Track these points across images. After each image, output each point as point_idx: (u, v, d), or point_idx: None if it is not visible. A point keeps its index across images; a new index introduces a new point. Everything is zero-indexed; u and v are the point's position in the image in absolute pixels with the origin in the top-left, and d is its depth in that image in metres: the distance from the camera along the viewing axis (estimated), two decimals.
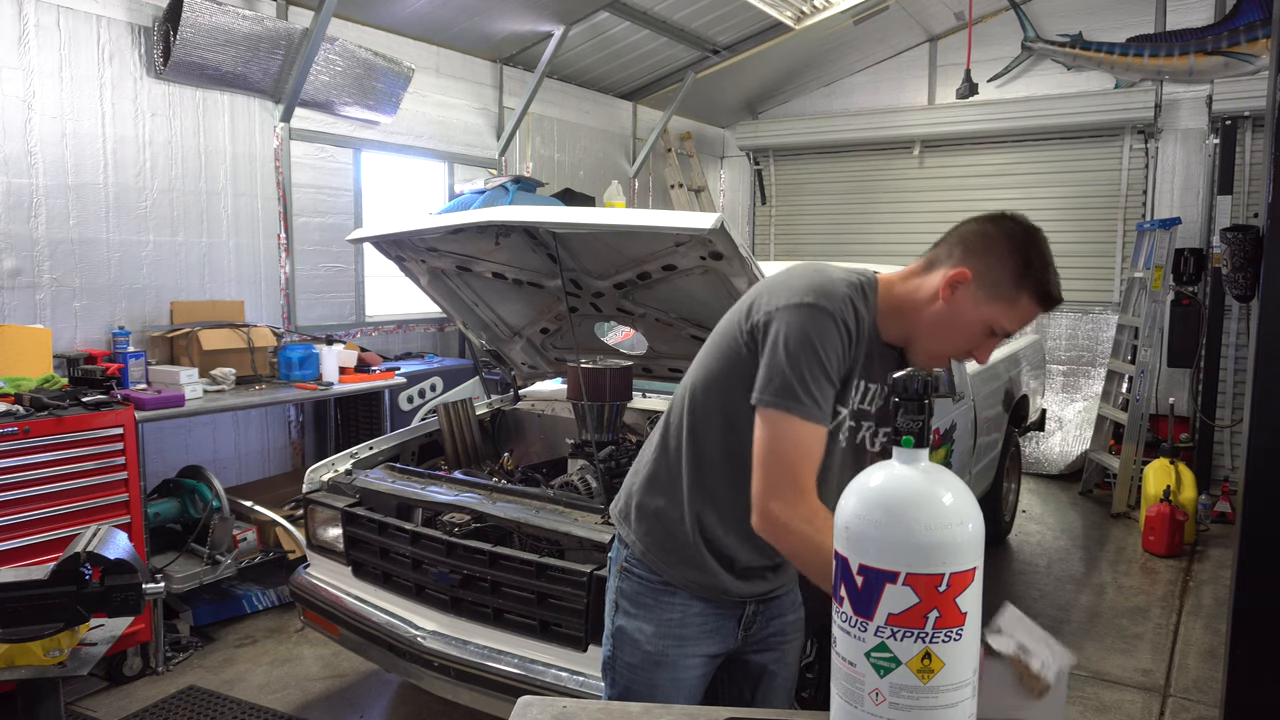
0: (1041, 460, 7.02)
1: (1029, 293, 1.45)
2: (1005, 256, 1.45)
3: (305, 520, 3.25)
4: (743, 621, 1.71)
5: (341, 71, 4.79)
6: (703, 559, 1.62)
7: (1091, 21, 6.82)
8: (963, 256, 1.47)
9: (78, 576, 1.59)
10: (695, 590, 1.65)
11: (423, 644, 2.69)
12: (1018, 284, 1.44)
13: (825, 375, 1.42)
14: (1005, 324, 1.46)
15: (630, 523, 1.69)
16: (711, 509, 1.61)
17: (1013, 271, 1.44)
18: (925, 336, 1.52)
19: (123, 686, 3.52)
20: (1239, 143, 6.24)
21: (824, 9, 6.37)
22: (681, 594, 1.65)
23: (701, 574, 1.64)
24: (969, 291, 1.45)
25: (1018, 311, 1.46)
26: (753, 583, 1.69)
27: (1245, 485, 2.05)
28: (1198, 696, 3.55)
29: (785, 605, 1.78)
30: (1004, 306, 1.45)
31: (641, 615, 1.66)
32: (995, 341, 1.51)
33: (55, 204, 3.88)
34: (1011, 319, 1.47)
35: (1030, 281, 1.44)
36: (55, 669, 1.61)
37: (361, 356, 4.68)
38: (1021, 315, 1.47)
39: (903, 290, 1.54)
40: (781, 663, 1.78)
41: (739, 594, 1.68)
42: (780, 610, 1.77)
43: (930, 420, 1.05)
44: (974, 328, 1.48)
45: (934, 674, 0.98)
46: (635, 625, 1.66)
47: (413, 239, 3.22)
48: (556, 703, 1.33)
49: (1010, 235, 1.46)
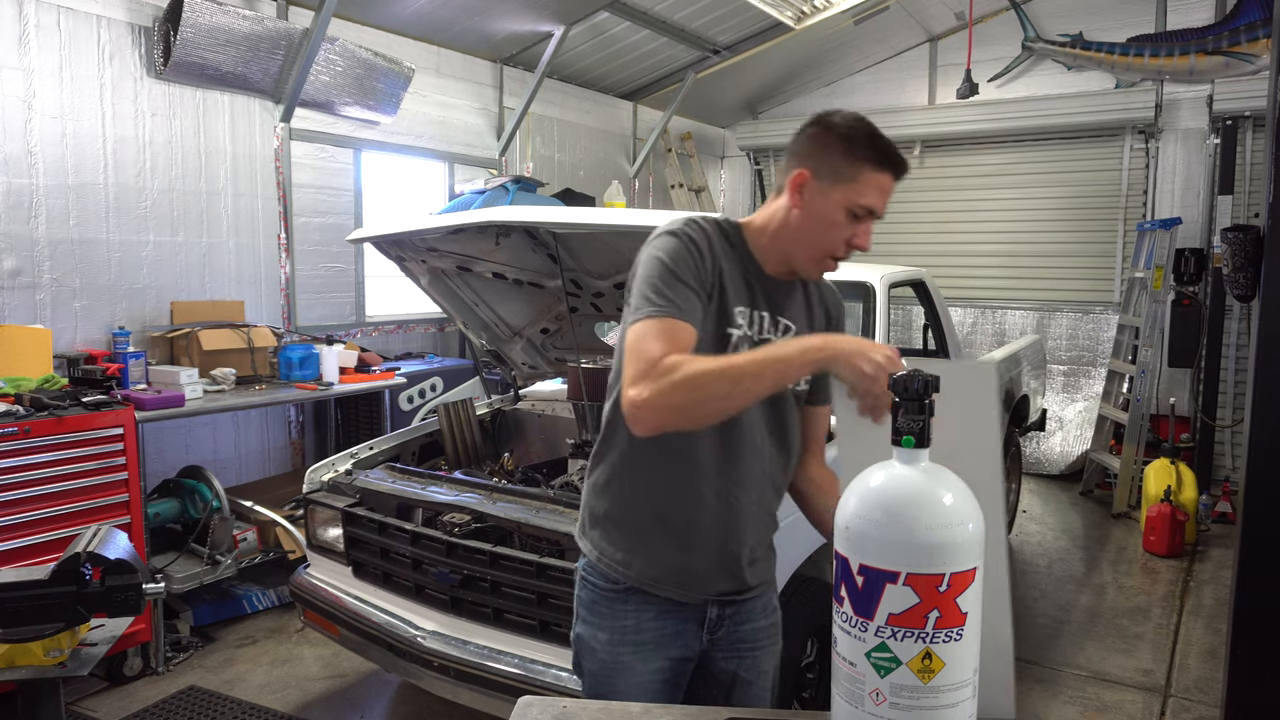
0: (1042, 460, 7.02)
1: (867, 163, 1.48)
2: (833, 144, 1.49)
3: (305, 520, 3.25)
4: (706, 625, 1.67)
5: (341, 71, 4.79)
6: (656, 541, 1.61)
7: (1092, 21, 6.81)
8: (799, 162, 1.53)
9: (78, 576, 1.59)
10: (656, 586, 1.62)
11: (423, 644, 2.69)
12: (852, 161, 1.48)
13: (677, 278, 1.46)
14: (860, 200, 1.49)
15: (585, 532, 1.70)
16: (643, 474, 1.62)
17: (843, 153, 1.48)
18: (797, 245, 1.56)
19: (123, 687, 3.52)
20: (1239, 142, 6.24)
21: (824, 9, 6.37)
22: (635, 599, 1.63)
23: (658, 562, 1.61)
24: (814, 187, 1.51)
25: (864, 185, 1.48)
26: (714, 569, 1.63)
27: (1246, 485, 2.05)
28: (1198, 697, 3.54)
29: (754, 610, 1.72)
30: (849, 186, 1.49)
31: (596, 623, 1.66)
32: (864, 225, 1.52)
33: (55, 204, 3.88)
34: (863, 194, 1.49)
35: (862, 153, 1.48)
36: (55, 669, 1.61)
37: (362, 356, 4.68)
38: (871, 187, 1.49)
39: (763, 219, 1.60)
40: (755, 670, 1.71)
41: (702, 577, 1.63)
42: (749, 615, 1.71)
43: (931, 420, 1.05)
44: (833, 216, 1.50)
45: (934, 674, 0.98)
46: (591, 633, 1.66)
47: (413, 239, 3.22)
48: (557, 703, 1.33)
49: (830, 125, 1.51)
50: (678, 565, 1.62)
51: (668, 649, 1.65)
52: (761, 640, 1.72)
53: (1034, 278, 7.26)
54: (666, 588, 1.63)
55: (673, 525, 1.61)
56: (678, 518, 1.60)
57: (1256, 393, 2.02)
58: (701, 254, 1.51)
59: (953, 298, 7.13)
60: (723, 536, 1.62)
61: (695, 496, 1.58)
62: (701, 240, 1.52)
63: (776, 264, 1.61)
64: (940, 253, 7.51)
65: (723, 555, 1.63)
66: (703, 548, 1.62)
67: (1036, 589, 4.67)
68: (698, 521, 1.60)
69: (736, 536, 1.62)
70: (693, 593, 1.64)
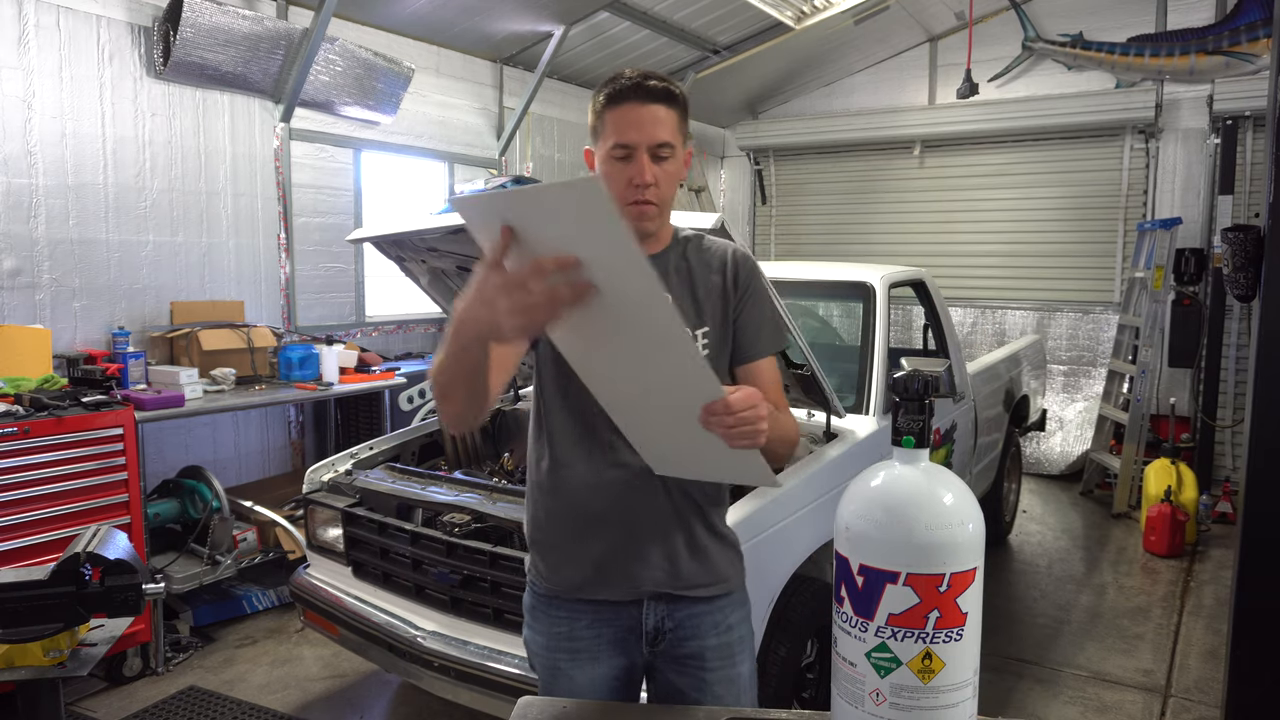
0: (1042, 460, 7.02)
1: (604, 109, 1.51)
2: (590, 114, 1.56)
3: (305, 520, 3.25)
4: (645, 635, 1.60)
5: (341, 71, 4.79)
6: (567, 544, 1.59)
7: (1092, 21, 6.81)
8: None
9: (78, 577, 1.58)
10: (580, 591, 1.59)
11: (423, 644, 2.68)
12: (596, 115, 1.53)
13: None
14: (612, 141, 1.49)
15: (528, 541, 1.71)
16: (542, 476, 1.62)
17: (592, 116, 1.55)
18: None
19: (123, 687, 3.52)
20: (1240, 142, 6.24)
21: (824, 9, 6.37)
22: (566, 606, 1.61)
23: (573, 564, 1.59)
24: (597, 157, 1.55)
25: (609, 127, 1.50)
26: (635, 561, 1.57)
27: (1246, 485, 2.05)
28: (1199, 697, 3.54)
29: (702, 626, 1.60)
30: (603, 137, 1.51)
31: (535, 627, 1.66)
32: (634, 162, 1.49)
33: (55, 204, 3.88)
34: (610, 135, 1.50)
35: (599, 104, 1.52)
36: (55, 669, 1.61)
37: (362, 357, 4.68)
38: (612, 126, 1.50)
39: None
40: (705, 693, 1.60)
41: (623, 570, 1.57)
42: (696, 631, 1.60)
43: (931, 420, 1.05)
44: (609, 170, 1.51)
45: (935, 674, 0.98)
46: (531, 637, 1.67)
47: (413, 239, 3.22)
48: (557, 703, 1.33)
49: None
50: (593, 562, 1.58)
51: (606, 659, 1.61)
52: (711, 662, 1.60)
53: (1034, 278, 7.26)
54: (590, 590, 1.59)
55: (578, 522, 1.59)
56: (579, 513, 1.59)
57: (1257, 393, 2.02)
58: None
59: (953, 298, 7.13)
60: (632, 523, 1.57)
61: (589, 485, 1.57)
62: None
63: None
64: (940, 253, 7.51)
65: (641, 543, 1.57)
66: (614, 539, 1.57)
67: (1036, 589, 4.67)
68: (602, 513, 1.57)
69: (653, 521, 1.57)
70: (619, 590, 1.58)
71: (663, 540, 1.58)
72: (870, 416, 3.31)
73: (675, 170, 1.55)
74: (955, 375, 4.12)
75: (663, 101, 1.50)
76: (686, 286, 1.61)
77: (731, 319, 1.62)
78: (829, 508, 1.13)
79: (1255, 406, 2.03)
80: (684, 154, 1.58)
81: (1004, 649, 3.93)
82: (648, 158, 1.49)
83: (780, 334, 1.74)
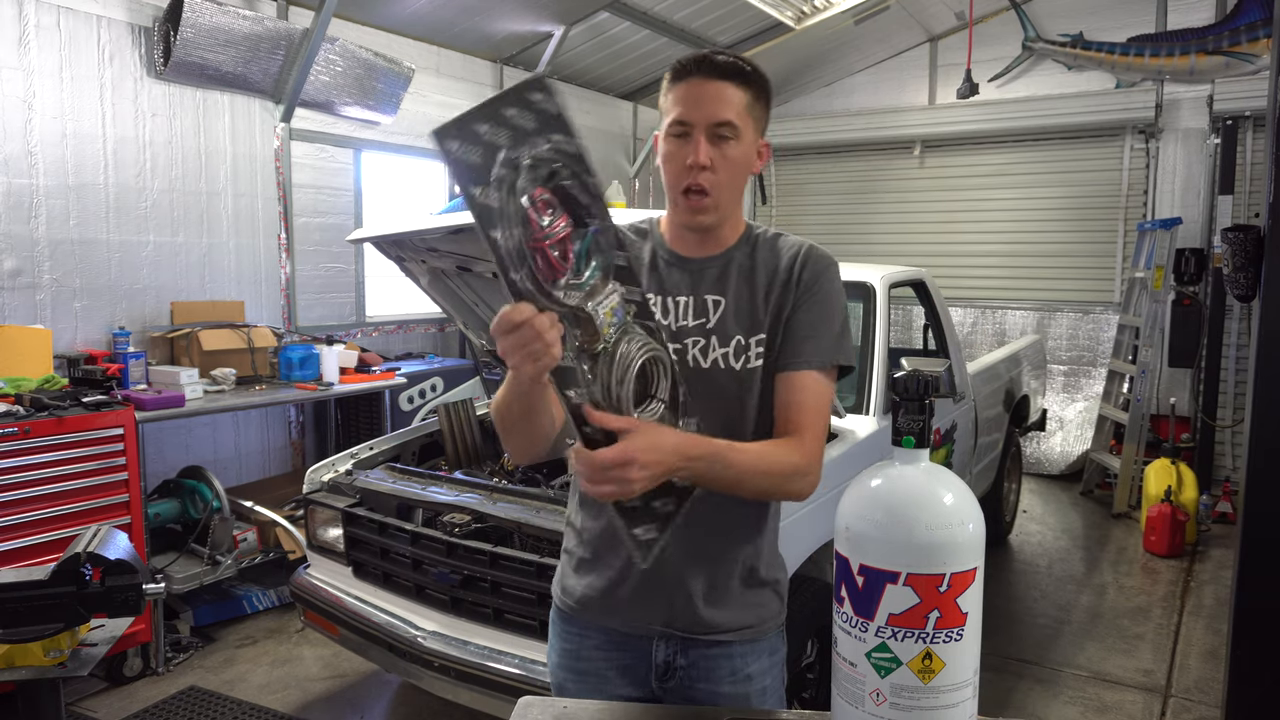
0: (1042, 460, 7.01)
1: (670, 88, 1.40)
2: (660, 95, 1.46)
3: (305, 520, 3.25)
4: (654, 668, 1.49)
5: (341, 72, 4.79)
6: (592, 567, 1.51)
7: (1092, 21, 6.81)
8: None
9: (78, 577, 1.58)
10: (586, 614, 1.52)
11: (423, 644, 2.69)
12: (664, 94, 1.42)
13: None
14: (670, 118, 1.39)
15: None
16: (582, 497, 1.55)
17: (661, 95, 1.44)
18: (667, 189, 1.45)
19: (123, 687, 3.52)
20: (1240, 142, 6.24)
21: (824, 9, 6.37)
22: (577, 623, 1.53)
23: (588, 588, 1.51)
24: (660, 132, 1.44)
25: (671, 105, 1.40)
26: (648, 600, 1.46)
27: (1246, 485, 2.05)
28: (1199, 697, 3.54)
29: (717, 670, 1.48)
30: (666, 112, 1.41)
31: (551, 641, 1.61)
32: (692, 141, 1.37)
33: (55, 204, 3.88)
34: (670, 111, 1.40)
35: (667, 83, 1.41)
36: (55, 669, 1.61)
37: (362, 357, 4.68)
38: (673, 102, 1.39)
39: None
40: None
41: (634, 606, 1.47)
42: (708, 674, 1.47)
43: (931, 420, 1.05)
44: (669, 149, 1.40)
45: (935, 674, 0.98)
46: (549, 648, 1.62)
47: (413, 239, 3.22)
48: (557, 703, 1.32)
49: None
50: (605, 591, 1.49)
51: (612, 685, 1.51)
52: (723, 707, 1.49)
53: (1034, 278, 7.25)
54: (598, 616, 1.51)
55: (597, 544, 1.50)
56: (599, 535, 1.50)
57: (1257, 393, 2.02)
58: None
59: (953, 298, 7.13)
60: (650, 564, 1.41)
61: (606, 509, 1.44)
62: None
63: (679, 236, 1.49)
64: (940, 253, 7.51)
65: (654, 584, 1.45)
66: (630, 574, 1.45)
67: (1037, 589, 4.67)
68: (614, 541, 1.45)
69: (671, 562, 1.42)
70: (629, 624, 1.49)
71: (677, 583, 1.45)
72: (870, 416, 3.30)
73: (741, 156, 1.39)
74: (955, 375, 4.12)
75: (731, 79, 1.36)
76: (748, 288, 1.45)
77: (784, 319, 1.43)
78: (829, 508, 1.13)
79: (1255, 406, 2.03)
80: (756, 142, 1.43)
81: (1004, 649, 3.93)
82: (705, 137, 1.36)
83: (838, 347, 1.43)
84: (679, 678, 1.49)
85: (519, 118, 1.10)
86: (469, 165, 1.06)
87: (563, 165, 1.13)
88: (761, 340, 1.43)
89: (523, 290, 1.11)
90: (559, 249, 1.14)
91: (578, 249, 1.16)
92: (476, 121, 1.06)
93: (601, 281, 1.18)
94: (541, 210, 1.12)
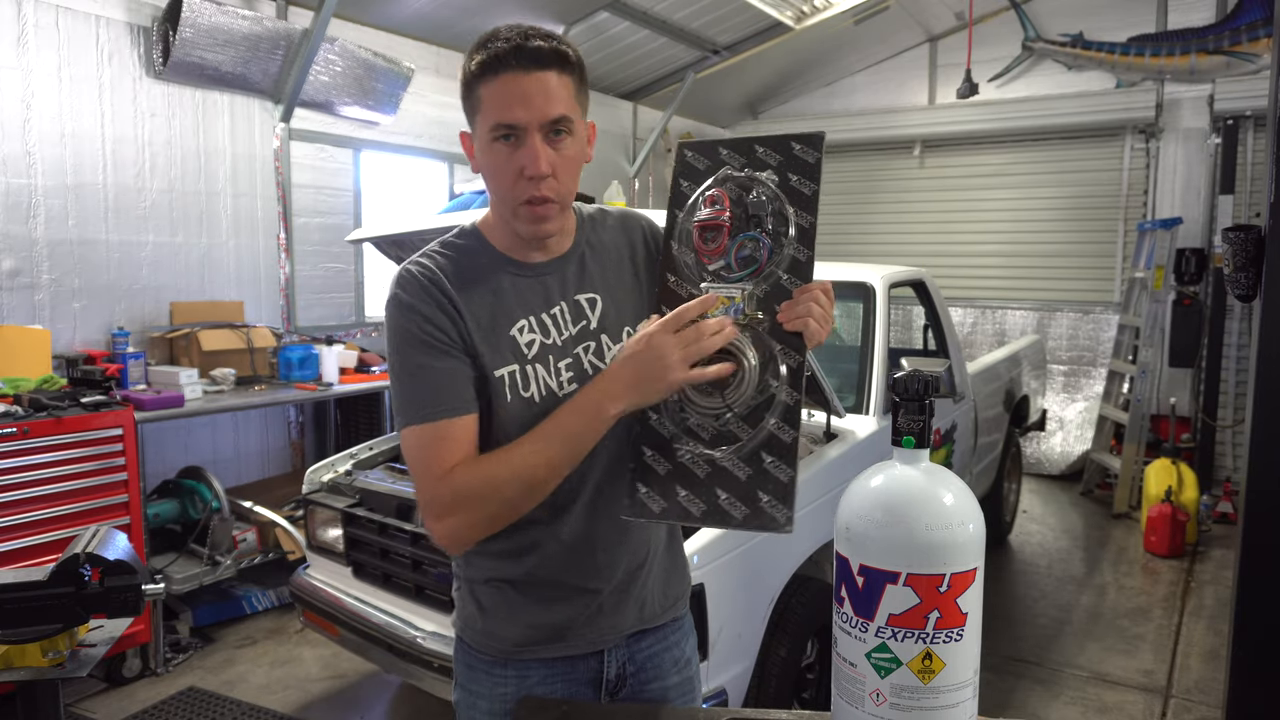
0: (1042, 460, 7.01)
1: (477, 83, 1.23)
2: (461, 89, 1.29)
3: (305, 521, 3.25)
4: (604, 686, 1.39)
5: (341, 72, 4.79)
6: (510, 602, 1.35)
7: (1092, 21, 6.81)
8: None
9: (77, 577, 1.58)
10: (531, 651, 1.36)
11: (423, 644, 2.68)
12: (470, 90, 1.25)
13: (422, 368, 1.22)
14: (492, 117, 1.21)
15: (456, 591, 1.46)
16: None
17: (464, 89, 1.27)
18: (498, 208, 1.31)
19: (122, 688, 3.52)
20: (1241, 142, 6.24)
21: (824, 9, 6.37)
22: (514, 666, 1.36)
23: (519, 625, 1.35)
24: (474, 141, 1.29)
25: (486, 104, 1.22)
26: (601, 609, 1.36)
27: (1247, 485, 2.04)
28: (1200, 697, 3.54)
29: (664, 665, 1.44)
30: (480, 117, 1.24)
31: (476, 690, 1.39)
32: (523, 147, 1.20)
33: (54, 204, 3.88)
34: (489, 114, 1.22)
35: (471, 76, 1.24)
36: (54, 670, 1.61)
37: (361, 357, 4.68)
38: (489, 102, 1.21)
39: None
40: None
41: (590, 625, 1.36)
42: (658, 671, 1.44)
43: (931, 420, 1.05)
44: (492, 158, 1.23)
45: (935, 674, 0.98)
46: (470, 700, 1.40)
47: (413, 239, 3.22)
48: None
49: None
50: (562, 624, 1.34)
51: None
52: (675, 702, 1.46)
53: (1034, 278, 7.26)
54: (546, 650, 1.36)
55: (519, 576, 1.34)
56: (522, 565, 1.34)
57: (1257, 393, 2.02)
58: (441, 304, 1.24)
59: (953, 298, 7.13)
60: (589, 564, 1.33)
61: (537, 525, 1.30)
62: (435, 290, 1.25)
63: (516, 244, 1.31)
64: (940, 253, 7.51)
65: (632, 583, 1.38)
66: (569, 591, 1.34)
67: (1037, 589, 4.67)
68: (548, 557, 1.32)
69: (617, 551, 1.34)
70: (593, 643, 1.37)
71: (637, 576, 1.39)
72: (870, 416, 3.30)
73: (577, 153, 1.25)
74: (955, 375, 4.11)
75: (553, 66, 1.20)
76: (615, 273, 1.37)
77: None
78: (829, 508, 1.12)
79: (1256, 406, 2.02)
80: (586, 130, 1.28)
81: (1004, 649, 3.93)
82: (540, 139, 1.20)
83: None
84: (630, 685, 1.42)
85: (766, 155, 1.28)
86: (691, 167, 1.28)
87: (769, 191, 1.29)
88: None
89: (674, 260, 1.27)
90: (711, 235, 1.26)
91: (732, 248, 1.27)
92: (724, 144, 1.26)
93: (742, 289, 1.26)
94: (708, 203, 1.26)
